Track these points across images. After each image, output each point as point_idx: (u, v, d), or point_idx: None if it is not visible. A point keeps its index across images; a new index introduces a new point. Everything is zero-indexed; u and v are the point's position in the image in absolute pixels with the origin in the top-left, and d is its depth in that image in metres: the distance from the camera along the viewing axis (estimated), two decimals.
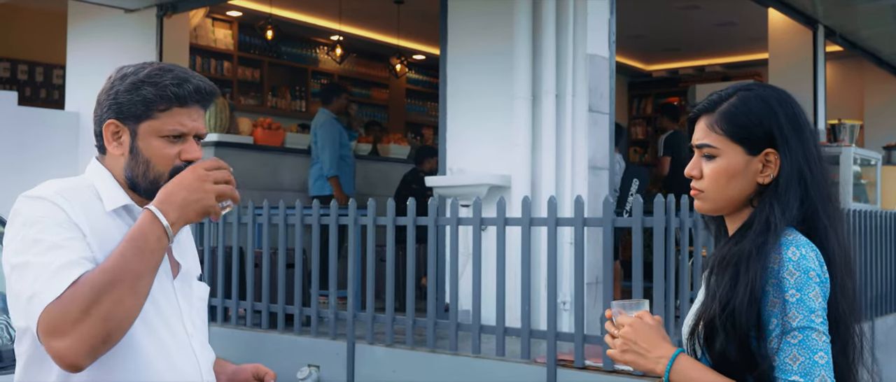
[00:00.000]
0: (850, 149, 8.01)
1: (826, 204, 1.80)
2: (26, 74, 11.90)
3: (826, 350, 1.67)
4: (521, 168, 6.26)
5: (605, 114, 6.34)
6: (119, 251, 1.75)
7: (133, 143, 1.92)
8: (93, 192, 1.92)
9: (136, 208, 1.93)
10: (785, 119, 1.81)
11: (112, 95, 1.94)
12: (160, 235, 1.78)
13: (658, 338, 1.80)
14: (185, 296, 1.99)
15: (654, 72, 14.43)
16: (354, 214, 5.77)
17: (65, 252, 1.74)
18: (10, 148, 8.52)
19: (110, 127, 1.94)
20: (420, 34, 12.18)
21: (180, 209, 1.81)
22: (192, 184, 1.82)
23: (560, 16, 6.30)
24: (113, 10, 8.77)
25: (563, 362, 4.89)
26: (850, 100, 12.75)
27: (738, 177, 1.81)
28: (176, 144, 1.93)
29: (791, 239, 1.74)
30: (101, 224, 1.86)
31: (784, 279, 1.69)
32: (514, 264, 5.49)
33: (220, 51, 11.60)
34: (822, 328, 1.68)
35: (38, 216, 1.80)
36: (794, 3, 9.29)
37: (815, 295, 1.69)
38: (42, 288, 1.69)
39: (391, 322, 5.60)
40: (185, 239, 2.08)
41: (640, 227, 4.74)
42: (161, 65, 1.95)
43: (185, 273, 2.02)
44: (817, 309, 1.68)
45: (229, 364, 2.17)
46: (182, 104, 1.92)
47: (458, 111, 6.75)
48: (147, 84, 1.91)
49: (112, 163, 1.97)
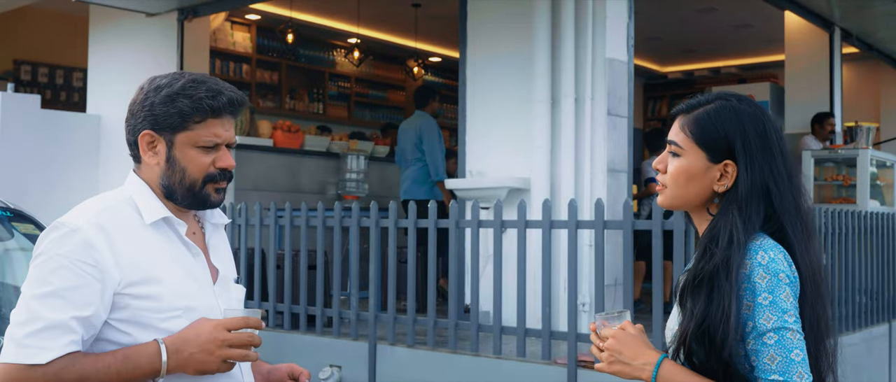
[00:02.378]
0: (867, 152, 8.03)
1: (794, 220, 1.86)
2: (47, 77, 12.03)
3: (801, 348, 1.76)
4: (541, 171, 6.31)
5: (624, 117, 6.38)
6: (107, 361, 1.84)
7: (169, 153, 1.99)
8: (132, 206, 1.99)
9: (173, 219, 2.00)
10: (753, 135, 1.87)
11: (147, 107, 1.99)
12: (154, 371, 1.87)
13: (642, 346, 1.88)
14: (225, 300, 2.07)
15: (670, 73, 14.44)
16: (376, 216, 5.83)
17: (61, 306, 1.81)
18: (32, 150, 8.61)
19: (146, 137, 2.00)
20: (437, 37, 12.23)
21: (183, 362, 1.88)
22: (206, 346, 1.88)
23: (579, 19, 6.35)
24: (134, 14, 8.87)
25: (583, 363, 4.94)
26: (866, 102, 12.72)
27: (696, 180, 1.90)
28: (210, 153, 2.00)
29: (759, 243, 1.81)
30: (139, 237, 1.94)
31: (756, 283, 1.76)
32: (534, 266, 5.54)
33: (239, 54, 11.69)
34: (795, 327, 1.76)
35: (59, 254, 1.86)
36: (810, 6, 9.30)
37: (787, 296, 1.76)
38: (22, 340, 1.80)
39: (412, 323, 5.66)
40: (220, 244, 2.15)
41: (661, 230, 4.79)
42: (194, 77, 2.01)
43: (223, 277, 2.10)
44: (790, 308, 1.76)
45: (264, 364, 2.23)
46: (216, 115, 1.99)
47: (478, 114, 6.80)
48: (182, 96, 1.97)
49: (148, 172, 2.03)
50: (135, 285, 1.89)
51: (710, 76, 14.00)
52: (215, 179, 2.01)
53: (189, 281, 1.98)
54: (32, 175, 8.55)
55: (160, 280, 1.92)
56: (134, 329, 1.89)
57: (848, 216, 6.14)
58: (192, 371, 1.88)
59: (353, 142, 9.59)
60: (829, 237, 5.85)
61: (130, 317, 1.89)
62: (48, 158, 8.79)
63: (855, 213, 6.32)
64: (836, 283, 5.94)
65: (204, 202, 2.03)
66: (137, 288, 1.89)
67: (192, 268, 2.01)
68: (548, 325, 5.12)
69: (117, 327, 1.89)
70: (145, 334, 1.89)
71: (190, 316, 1.93)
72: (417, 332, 5.74)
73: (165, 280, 1.93)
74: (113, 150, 9.17)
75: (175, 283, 1.94)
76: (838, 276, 5.98)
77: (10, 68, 11.73)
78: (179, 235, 2.01)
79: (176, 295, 1.93)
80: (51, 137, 8.84)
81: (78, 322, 1.82)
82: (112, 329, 1.89)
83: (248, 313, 1.94)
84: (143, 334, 1.89)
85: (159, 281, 1.92)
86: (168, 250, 1.98)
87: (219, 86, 2.00)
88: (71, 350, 1.81)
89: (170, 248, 1.99)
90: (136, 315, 1.89)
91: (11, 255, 3.69)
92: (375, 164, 9.44)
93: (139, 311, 1.89)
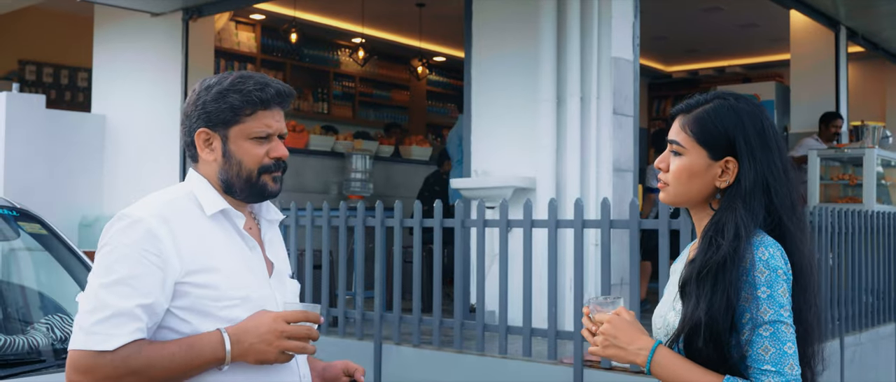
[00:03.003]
0: (873, 151, 8.01)
1: (790, 213, 1.93)
2: (52, 77, 12.04)
3: (793, 341, 1.83)
4: (546, 170, 6.30)
5: (630, 116, 6.37)
6: (172, 349, 1.91)
7: (225, 147, 2.08)
8: (192, 200, 2.07)
9: (231, 211, 2.09)
10: (752, 132, 1.94)
11: (200, 106, 2.08)
12: (217, 360, 1.94)
13: (637, 332, 1.93)
14: (281, 293, 2.14)
15: (675, 73, 14.42)
16: (381, 216, 5.83)
17: (127, 293, 1.89)
18: (38, 150, 8.62)
19: (202, 135, 2.09)
20: (441, 36, 12.23)
21: (244, 351, 1.95)
22: (265, 337, 1.95)
23: (584, 19, 6.34)
24: (139, 14, 8.87)
25: (589, 362, 4.93)
26: (872, 101, 12.69)
27: (698, 178, 1.96)
28: (263, 144, 2.08)
29: (759, 239, 1.87)
30: (200, 229, 2.03)
31: (755, 277, 1.83)
32: (540, 265, 5.53)
33: (243, 53, 11.70)
34: (789, 320, 1.83)
35: (123, 244, 1.94)
36: (816, 5, 9.27)
37: (783, 291, 1.84)
38: (91, 327, 1.88)
39: (418, 323, 5.65)
40: (275, 239, 2.23)
41: (667, 230, 4.77)
42: (241, 74, 2.10)
43: (278, 271, 2.17)
44: (785, 304, 1.84)
45: (319, 361, 2.30)
46: (266, 107, 2.08)
47: (483, 113, 6.79)
48: (232, 92, 2.06)
49: (206, 169, 2.11)
50: (194, 274, 1.96)
51: (714, 75, 13.98)
52: (270, 169, 2.09)
53: (246, 271, 2.06)
54: (37, 174, 8.56)
55: (218, 269, 1.99)
56: (194, 317, 1.96)
57: (854, 215, 6.13)
58: (251, 360, 1.95)
59: (358, 141, 9.60)
60: (835, 236, 5.83)
61: (191, 305, 1.96)
62: (53, 158, 8.79)
63: (861, 213, 6.31)
64: (843, 283, 5.93)
65: (262, 192, 2.11)
66: (197, 277, 1.96)
67: (249, 260, 2.08)
68: (553, 325, 5.11)
69: (179, 315, 1.96)
70: (205, 322, 1.96)
71: (247, 305, 2.00)
72: (423, 332, 5.73)
73: (223, 269, 2.00)
74: (118, 150, 9.18)
75: (232, 273, 2.02)
76: (844, 276, 5.97)
77: (16, 68, 11.74)
78: (237, 228, 2.09)
79: (233, 285, 2.00)
80: (56, 137, 8.85)
81: (143, 310, 1.90)
82: (174, 318, 1.96)
83: (307, 307, 2.01)
84: (203, 322, 1.96)
85: (217, 270, 1.99)
86: (226, 242, 2.05)
87: (266, 79, 2.09)
88: (137, 337, 1.89)
89: (228, 240, 2.06)
90: (195, 303, 1.96)
91: (18, 255, 3.70)
92: (380, 164, 9.44)
93: (199, 299, 1.96)
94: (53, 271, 3.47)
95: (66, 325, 3.20)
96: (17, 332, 3.16)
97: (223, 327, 1.95)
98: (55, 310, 3.34)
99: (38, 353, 3.07)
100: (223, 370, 1.95)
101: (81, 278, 3.41)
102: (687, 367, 1.86)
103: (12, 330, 3.21)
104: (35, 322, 3.25)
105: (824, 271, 5.63)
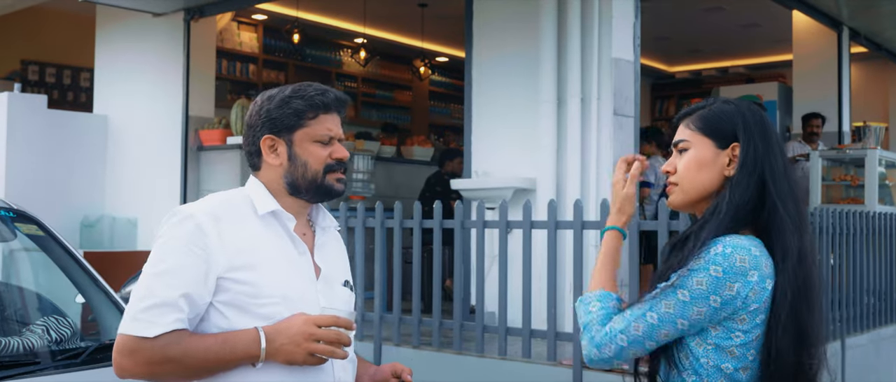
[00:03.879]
0: (875, 152, 7.98)
1: (787, 203, 1.92)
2: (54, 77, 12.05)
3: (660, 314, 1.86)
4: (547, 171, 6.29)
5: (631, 117, 6.36)
6: (209, 342, 2.01)
7: (290, 151, 2.16)
8: (247, 202, 2.16)
9: (282, 213, 2.16)
10: (752, 121, 1.97)
11: (264, 114, 2.18)
12: (250, 357, 2.01)
13: (625, 205, 2.10)
14: (327, 297, 2.17)
15: (677, 73, 14.40)
16: (381, 217, 5.82)
17: (173, 284, 2.00)
18: (39, 150, 8.63)
19: (267, 141, 2.17)
20: (444, 36, 12.22)
21: (275, 351, 2.02)
22: (294, 338, 2.01)
23: (585, 19, 6.33)
24: (141, 14, 8.87)
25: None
26: (874, 101, 12.67)
27: (707, 168, 1.98)
28: (326, 147, 2.18)
29: (729, 240, 1.86)
30: (249, 228, 2.11)
31: (703, 267, 1.84)
32: (539, 266, 5.52)
33: (245, 54, 11.70)
34: (670, 299, 1.85)
35: (174, 237, 2.05)
36: (818, 5, 9.26)
37: (699, 283, 1.84)
38: (136, 314, 2.00)
39: (418, 324, 5.64)
40: (329, 245, 2.28)
41: (667, 230, 4.76)
42: (300, 83, 2.22)
43: (326, 276, 2.21)
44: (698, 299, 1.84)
45: (370, 365, 2.36)
46: (327, 111, 2.18)
47: (484, 113, 6.79)
48: (295, 98, 2.17)
49: (269, 174, 2.19)
50: (236, 270, 2.04)
51: (717, 76, 13.96)
52: (334, 169, 2.18)
53: (289, 272, 2.12)
54: (39, 175, 8.56)
55: (260, 267, 2.06)
56: (232, 313, 2.04)
57: (856, 216, 6.11)
58: (281, 360, 2.01)
59: (360, 142, 9.57)
60: (836, 237, 5.82)
61: (230, 300, 2.04)
62: (55, 158, 8.79)
63: (863, 214, 6.29)
64: (844, 284, 5.91)
65: (328, 192, 2.19)
66: (238, 273, 2.04)
67: (296, 262, 2.15)
68: (553, 326, 5.10)
69: (219, 309, 2.04)
70: (243, 319, 2.03)
71: (288, 305, 2.06)
72: (422, 333, 5.72)
73: (265, 268, 2.07)
74: (120, 150, 9.18)
75: (274, 272, 2.08)
76: (846, 277, 5.95)
77: (18, 68, 11.76)
78: (287, 230, 2.15)
79: (273, 284, 2.06)
80: (57, 137, 8.85)
81: (185, 301, 1.99)
82: (215, 311, 2.04)
83: (340, 313, 2.05)
84: (240, 319, 2.03)
85: (259, 268, 2.06)
86: (274, 242, 2.12)
87: (324, 87, 2.20)
88: (177, 327, 1.98)
89: (276, 241, 2.13)
90: (235, 298, 2.04)
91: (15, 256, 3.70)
92: (382, 164, 9.42)
93: (238, 295, 2.04)
94: (50, 272, 3.47)
95: (62, 327, 3.19)
96: (13, 333, 3.15)
97: (260, 325, 2.02)
98: (51, 312, 3.33)
99: (34, 355, 3.06)
100: (257, 367, 2.02)
101: (78, 279, 3.41)
102: (602, 261, 2.04)
103: (8, 332, 3.20)
104: (31, 323, 3.24)
105: (825, 272, 5.61)
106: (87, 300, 3.38)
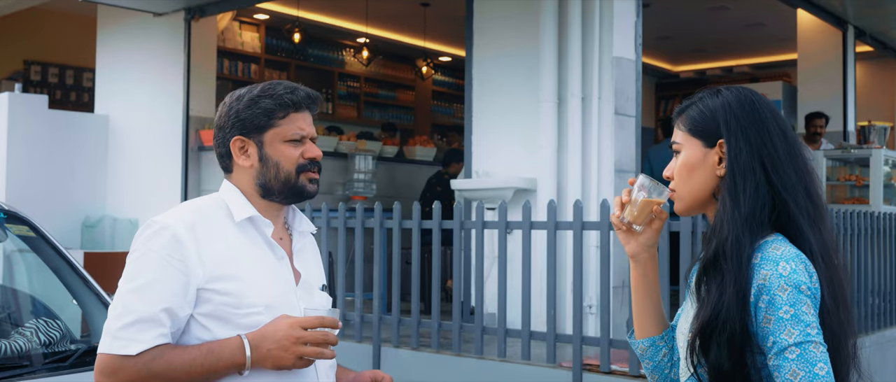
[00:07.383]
0: (880, 152, 7.93)
1: (797, 197, 1.78)
2: (57, 77, 12.04)
3: (825, 361, 1.66)
4: (547, 171, 6.25)
5: (632, 117, 6.31)
6: (193, 354, 1.96)
7: (261, 152, 2.12)
8: (223, 209, 2.11)
9: (260, 219, 2.12)
10: (741, 112, 1.82)
11: (233, 115, 2.13)
12: (236, 365, 1.97)
13: None
14: (307, 302, 2.14)
15: (682, 73, 14.35)
16: (380, 217, 5.78)
17: (151, 299, 1.95)
18: (40, 150, 8.61)
19: (237, 143, 2.13)
20: (446, 36, 12.18)
21: (262, 357, 1.97)
22: (282, 343, 1.97)
23: (586, 18, 6.28)
24: (142, 14, 8.85)
25: (588, 366, 4.88)
26: (880, 100, 12.59)
27: (698, 170, 1.85)
28: (298, 146, 2.13)
29: (780, 253, 1.72)
30: (226, 236, 2.06)
31: (776, 296, 1.68)
32: (539, 267, 5.48)
33: (247, 54, 11.67)
34: (818, 339, 1.67)
35: (150, 249, 1.99)
36: (823, 4, 9.20)
37: (808, 308, 1.68)
38: (116, 332, 1.95)
39: (417, 325, 5.61)
40: (306, 250, 2.24)
41: (667, 231, 4.72)
42: (269, 82, 2.16)
43: (306, 281, 2.18)
44: (812, 321, 1.67)
45: (349, 371, 2.29)
46: (297, 109, 2.13)
47: (484, 113, 6.74)
48: (264, 97, 2.12)
49: (240, 177, 2.15)
50: (217, 280, 1.99)
51: (722, 75, 13.90)
52: (307, 169, 2.13)
53: (270, 280, 2.08)
54: (40, 175, 8.55)
55: (241, 277, 2.02)
56: (214, 324, 2.00)
57: (861, 217, 6.06)
58: (269, 366, 1.97)
59: (362, 142, 9.54)
60: (841, 238, 5.76)
61: (212, 312, 2.00)
62: (56, 158, 8.78)
63: (868, 214, 6.23)
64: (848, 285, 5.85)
65: (301, 193, 2.14)
66: (219, 284, 1.99)
67: (275, 269, 2.10)
68: (553, 328, 5.06)
69: (200, 322, 2.00)
70: (225, 329, 1.99)
71: (271, 313, 2.02)
72: (422, 334, 5.69)
73: (246, 277, 2.03)
74: (121, 150, 9.16)
75: (255, 281, 2.04)
76: (850, 278, 5.90)
77: (21, 68, 11.76)
78: (265, 237, 2.11)
79: (256, 292, 2.02)
80: (58, 137, 8.84)
81: (166, 315, 1.95)
82: (196, 324, 2.00)
83: (324, 313, 2.02)
84: (222, 329, 1.99)
85: (240, 278, 2.02)
86: (252, 250, 2.08)
87: (294, 84, 2.15)
88: (159, 342, 1.94)
89: (254, 249, 2.09)
90: (217, 309, 2.00)
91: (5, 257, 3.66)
92: (384, 164, 9.39)
93: (220, 306, 2.00)
94: (41, 273, 3.44)
95: (53, 329, 3.16)
96: (3, 335, 3.12)
97: (243, 333, 1.98)
98: (43, 313, 3.30)
99: (24, 357, 3.03)
100: (244, 375, 1.98)
101: (69, 281, 3.38)
102: None
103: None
104: (22, 325, 3.21)
105: None
106: (78, 302, 3.35)
